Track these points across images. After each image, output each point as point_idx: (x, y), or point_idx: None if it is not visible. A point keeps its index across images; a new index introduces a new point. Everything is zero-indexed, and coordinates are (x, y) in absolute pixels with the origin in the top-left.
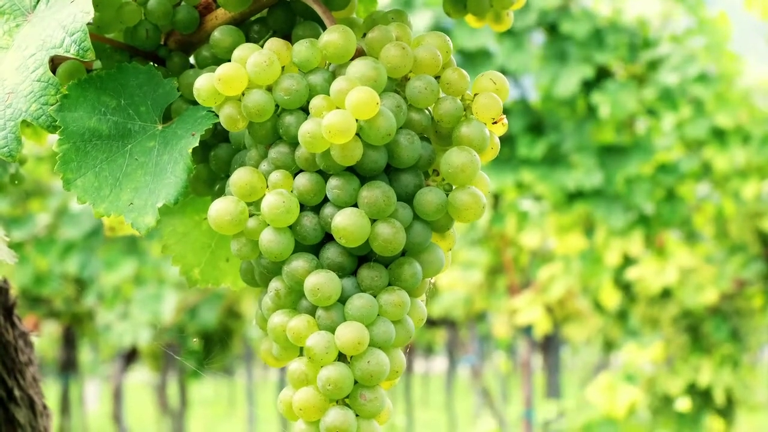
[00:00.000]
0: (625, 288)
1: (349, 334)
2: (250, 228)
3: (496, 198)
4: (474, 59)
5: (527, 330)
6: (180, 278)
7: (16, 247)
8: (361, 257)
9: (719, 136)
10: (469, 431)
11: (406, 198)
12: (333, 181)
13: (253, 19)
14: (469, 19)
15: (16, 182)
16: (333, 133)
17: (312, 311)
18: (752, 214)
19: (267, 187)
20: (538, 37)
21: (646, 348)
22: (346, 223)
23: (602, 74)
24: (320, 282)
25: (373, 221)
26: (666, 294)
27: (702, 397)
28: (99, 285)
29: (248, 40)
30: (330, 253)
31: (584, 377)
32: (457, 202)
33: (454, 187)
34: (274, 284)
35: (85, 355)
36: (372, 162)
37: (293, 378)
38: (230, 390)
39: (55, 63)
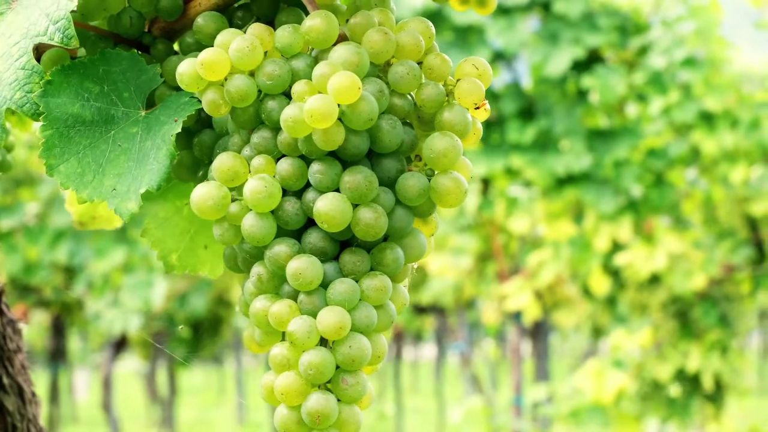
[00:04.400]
0: (614, 274)
1: (330, 318)
2: (232, 213)
3: (486, 184)
4: (467, 36)
5: (516, 316)
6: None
7: (5, 235)
8: (343, 242)
9: (707, 119)
10: (456, 413)
11: (389, 183)
12: (315, 166)
13: (236, 5)
14: (453, 2)
15: (3, 170)
16: (315, 117)
17: (294, 296)
18: (740, 199)
19: (249, 172)
20: (534, 23)
21: (634, 334)
22: (328, 207)
23: (593, 58)
24: (302, 267)
25: (355, 206)
26: (655, 280)
27: (691, 382)
28: (88, 273)
29: (232, 26)
30: (312, 237)
31: (573, 363)
32: (439, 187)
33: (436, 172)
34: (257, 269)
35: (74, 344)
36: (354, 147)
37: (275, 363)
38: (220, 378)
39: (39, 50)
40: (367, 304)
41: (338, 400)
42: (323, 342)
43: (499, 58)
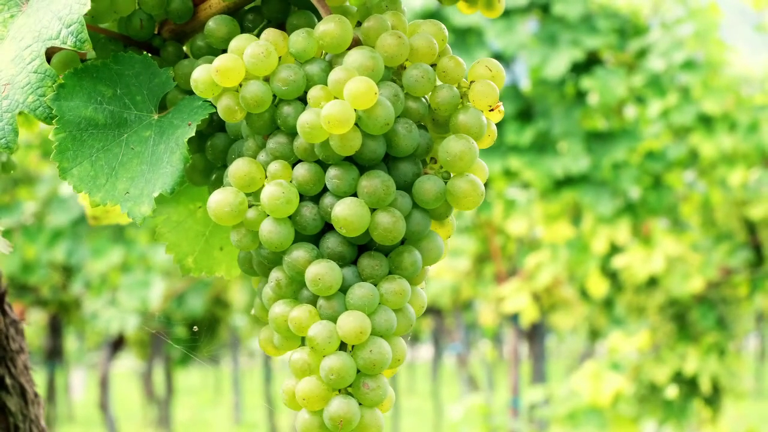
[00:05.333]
0: (612, 276)
1: (350, 323)
2: (249, 219)
3: (484, 185)
4: (466, 38)
5: (514, 318)
6: (167, 266)
7: (3, 234)
8: (361, 246)
9: (706, 122)
10: (456, 410)
11: (405, 186)
12: (332, 171)
13: (247, 8)
14: (461, 5)
15: (8, 170)
16: (332, 123)
17: (313, 301)
18: (738, 202)
19: (266, 177)
20: (533, 25)
21: (632, 336)
22: (346, 212)
23: (592, 60)
24: (321, 272)
25: (373, 210)
26: (652, 282)
27: (688, 385)
28: (86, 273)
29: (242, 29)
30: (330, 242)
31: (570, 365)
32: (456, 190)
33: (452, 175)
34: (275, 274)
35: (71, 343)
36: (371, 151)
37: (296, 368)
38: (216, 378)
39: (49, 52)
40: (386, 307)
41: (360, 404)
42: (343, 346)
43: (498, 59)
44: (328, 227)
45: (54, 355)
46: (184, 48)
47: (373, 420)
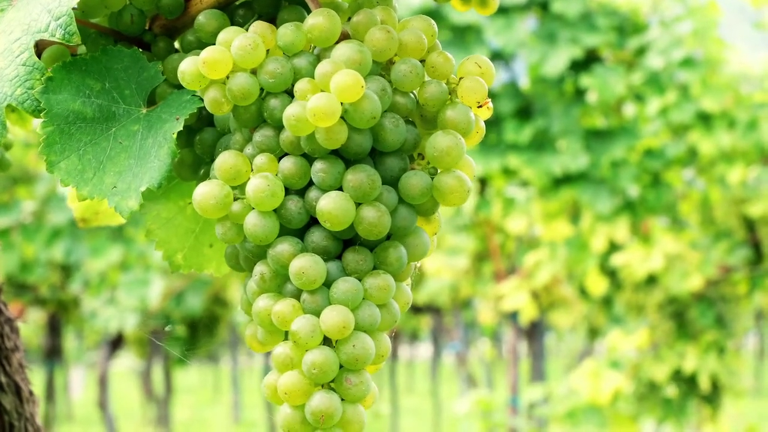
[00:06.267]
0: (611, 274)
1: (334, 317)
2: (234, 212)
3: (483, 183)
4: (464, 35)
5: (513, 316)
6: (166, 264)
7: (2, 233)
8: (346, 241)
9: (705, 120)
10: (462, 405)
11: (391, 182)
12: (318, 165)
13: (238, 3)
14: (455, 3)
15: (2, 168)
16: (318, 116)
17: (297, 295)
18: (737, 199)
19: (252, 170)
20: (532, 23)
21: (631, 334)
22: (331, 206)
23: (591, 58)
24: (305, 265)
25: (358, 205)
26: (651, 280)
27: (687, 383)
28: (85, 271)
29: (233, 23)
30: (315, 236)
31: (569, 364)
32: (442, 186)
33: (439, 171)
34: (259, 268)
35: (70, 342)
36: (357, 145)
37: (278, 362)
38: (215, 376)
39: (39, 47)
40: (370, 303)
41: (342, 400)
42: (326, 341)
43: (497, 57)
44: (313, 221)
45: (53, 354)
46: (175, 44)
47: (355, 415)
